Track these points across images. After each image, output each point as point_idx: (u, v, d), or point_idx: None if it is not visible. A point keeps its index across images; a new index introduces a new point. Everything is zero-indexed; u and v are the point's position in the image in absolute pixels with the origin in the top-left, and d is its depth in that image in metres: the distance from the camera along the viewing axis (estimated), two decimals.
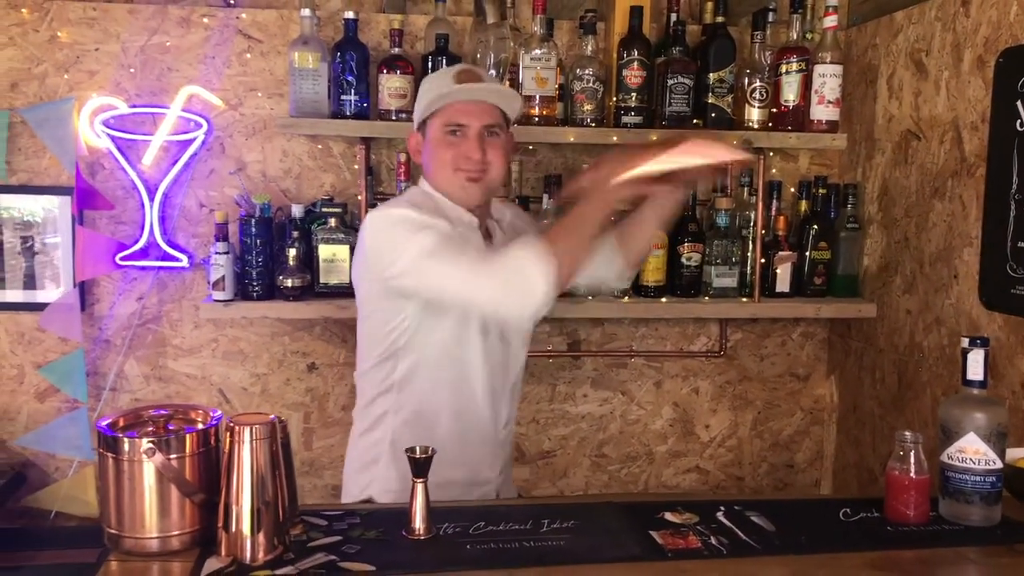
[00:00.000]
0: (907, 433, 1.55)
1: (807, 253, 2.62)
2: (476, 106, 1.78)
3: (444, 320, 1.79)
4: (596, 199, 1.65)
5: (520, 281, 1.60)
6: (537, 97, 2.44)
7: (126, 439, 1.35)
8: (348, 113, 2.41)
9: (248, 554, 1.34)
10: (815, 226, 2.62)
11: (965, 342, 1.55)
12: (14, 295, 2.56)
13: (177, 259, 2.57)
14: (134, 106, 2.54)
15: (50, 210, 2.55)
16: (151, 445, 1.33)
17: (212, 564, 1.34)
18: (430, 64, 2.42)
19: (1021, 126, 2.00)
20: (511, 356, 1.92)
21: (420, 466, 1.45)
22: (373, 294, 1.82)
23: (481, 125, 1.77)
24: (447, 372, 1.84)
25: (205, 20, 2.55)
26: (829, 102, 2.50)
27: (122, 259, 2.55)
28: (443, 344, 1.81)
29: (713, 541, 1.45)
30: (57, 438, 2.59)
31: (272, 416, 1.38)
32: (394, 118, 2.42)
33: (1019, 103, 2.00)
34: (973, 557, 1.43)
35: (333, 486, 2.74)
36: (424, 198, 1.82)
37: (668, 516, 1.55)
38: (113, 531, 1.37)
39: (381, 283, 1.76)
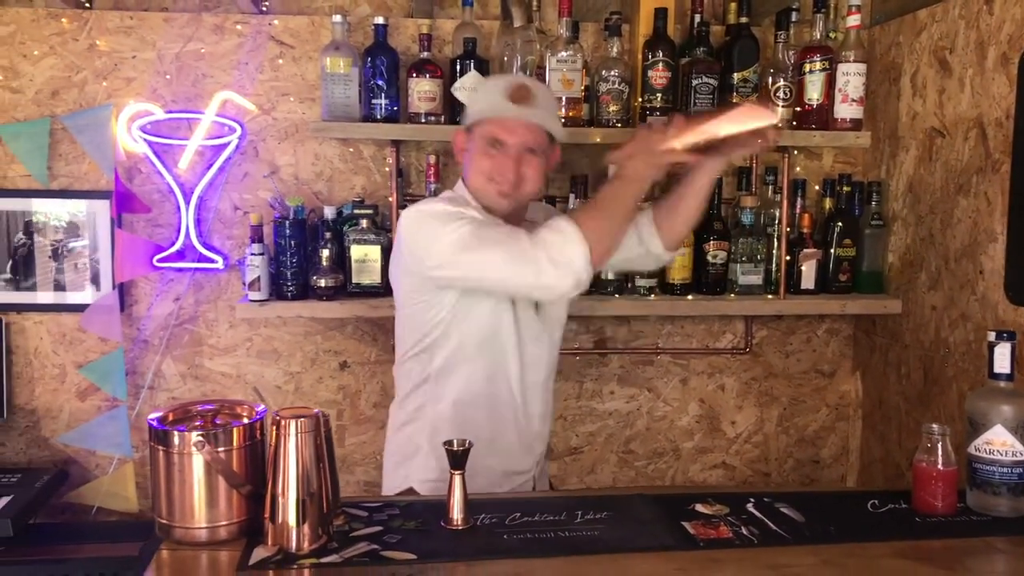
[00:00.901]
0: (934, 425, 1.58)
1: (832, 250, 2.65)
2: (521, 125, 1.82)
3: (479, 311, 1.85)
4: (634, 171, 1.71)
5: (557, 259, 1.66)
6: (563, 99, 2.47)
7: (176, 433, 1.41)
8: (379, 116, 2.46)
9: (294, 543, 1.40)
10: (840, 223, 2.64)
11: (992, 336, 1.58)
12: (45, 296, 2.63)
13: (212, 260, 2.63)
14: (170, 112, 2.61)
15: (76, 214, 2.61)
16: (200, 438, 1.39)
17: (259, 553, 1.39)
18: (458, 67, 2.47)
19: None
20: (543, 352, 1.97)
21: (458, 459, 1.50)
22: (412, 288, 1.88)
23: (522, 145, 1.82)
24: (482, 363, 1.90)
25: (238, 27, 2.61)
26: (853, 100, 2.52)
27: (159, 261, 2.61)
28: (478, 335, 1.87)
29: (744, 531, 1.49)
30: (98, 436, 2.66)
31: (316, 410, 1.44)
32: (423, 121, 2.46)
33: None
34: (1001, 547, 1.46)
35: (366, 482, 2.79)
36: (457, 200, 1.88)
37: (699, 507, 1.59)
38: (164, 521, 1.43)
39: (421, 277, 1.83)
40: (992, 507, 1.56)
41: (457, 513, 1.50)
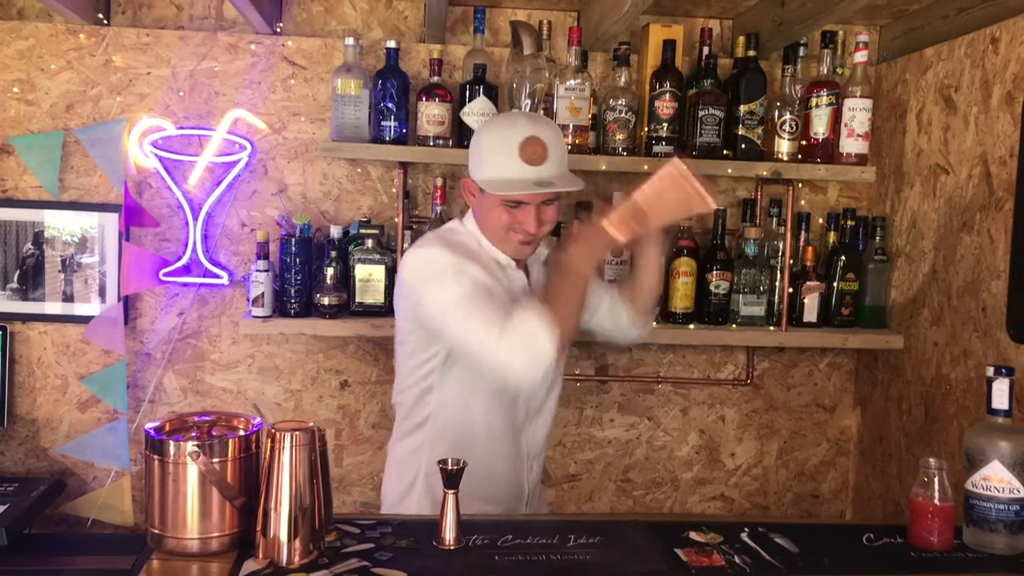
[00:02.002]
0: (931, 460, 1.58)
1: (835, 284, 2.65)
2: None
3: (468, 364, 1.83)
4: (578, 264, 1.74)
5: (530, 347, 1.66)
6: (571, 126, 2.50)
7: (172, 442, 1.41)
8: (387, 138, 2.49)
9: (284, 558, 1.39)
10: (843, 257, 2.64)
11: (990, 371, 1.58)
12: (51, 307, 2.65)
13: (218, 276, 2.65)
14: (182, 128, 2.64)
15: (85, 226, 2.63)
16: (196, 448, 1.39)
17: (250, 566, 1.39)
18: (467, 93, 2.50)
19: None
20: (551, 399, 1.98)
21: (452, 478, 1.50)
22: (409, 320, 1.88)
23: (541, 201, 1.79)
24: (474, 410, 1.88)
25: (252, 47, 2.65)
26: (859, 135, 2.54)
27: (165, 275, 2.63)
28: (468, 384, 1.86)
29: (737, 560, 1.48)
30: (96, 447, 2.66)
31: (311, 424, 1.44)
32: (432, 144, 2.49)
33: None
34: None
35: (363, 503, 2.78)
36: (464, 237, 1.87)
37: (693, 535, 1.58)
38: (156, 531, 1.43)
39: (415, 316, 1.83)
40: (988, 544, 1.55)
41: (449, 533, 1.50)
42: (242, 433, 1.48)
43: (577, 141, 2.51)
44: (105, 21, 2.60)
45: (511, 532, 1.56)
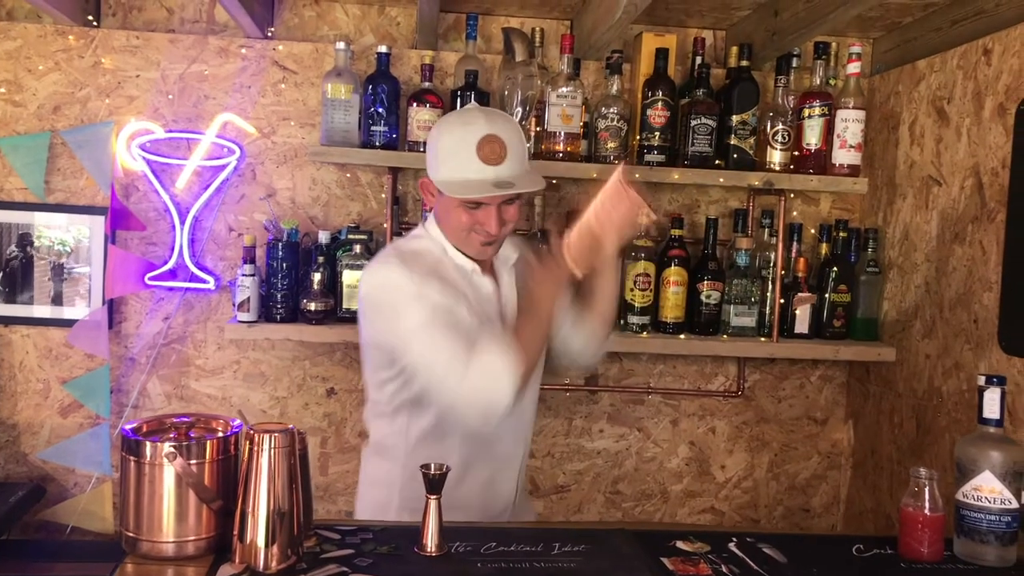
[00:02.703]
0: (922, 469, 1.55)
1: (827, 295, 2.63)
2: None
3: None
4: (549, 285, 1.70)
5: (491, 391, 1.60)
6: (562, 134, 2.49)
7: (148, 443, 1.38)
8: (377, 144, 2.47)
9: (262, 562, 1.36)
10: (835, 269, 2.63)
11: (981, 380, 1.56)
12: (35, 310, 2.62)
13: (204, 281, 2.62)
14: (170, 131, 2.62)
15: (71, 229, 2.61)
16: (172, 449, 1.36)
17: (226, 571, 1.36)
18: (459, 99, 2.48)
19: None
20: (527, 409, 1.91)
21: (434, 483, 1.47)
22: (368, 338, 1.82)
23: (502, 200, 1.72)
24: (446, 429, 1.79)
25: (243, 51, 2.63)
26: (851, 147, 2.53)
27: (151, 279, 2.60)
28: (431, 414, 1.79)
29: (724, 570, 1.45)
30: (78, 453, 2.63)
31: (291, 426, 1.41)
32: (422, 149, 2.47)
33: None
34: None
35: (348, 512, 2.74)
36: (427, 243, 1.80)
37: (680, 544, 1.56)
38: (131, 534, 1.40)
39: (372, 337, 1.78)
40: (979, 556, 1.53)
41: (431, 539, 1.47)
42: (221, 435, 1.45)
43: (568, 149, 2.50)
44: (95, 23, 2.59)
45: (495, 539, 1.53)
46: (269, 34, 2.64)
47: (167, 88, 2.63)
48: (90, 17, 2.56)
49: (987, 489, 1.52)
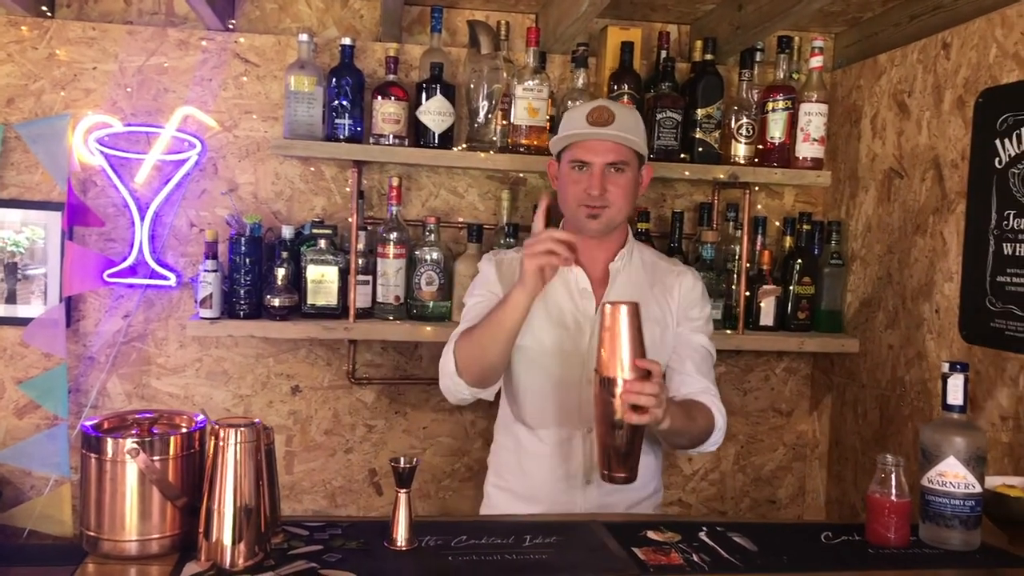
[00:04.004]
0: (888, 456, 1.57)
1: (791, 288, 2.65)
2: (602, 144, 1.81)
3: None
4: (517, 298, 1.72)
5: (443, 366, 1.84)
6: (528, 127, 2.48)
7: (110, 439, 1.35)
8: (342, 137, 2.44)
9: (228, 560, 1.33)
10: (799, 261, 2.65)
11: (946, 367, 1.58)
12: None
13: (165, 278, 2.57)
14: (129, 125, 2.56)
15: (26, 225, 2.54)
16: (135, 445, 1.33)
17: (191, 569, 1.33)
18: (424, 92, 2.46)
19: (1000, 164, 2.05)
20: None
21: (403, 477, 1.45)
22: None
23: (604, 163, 1.81)
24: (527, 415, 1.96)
25: (203, 43, 2.59)
26: (814, 140, 2.55)
27: (110, 276, 2.55)
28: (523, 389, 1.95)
29: (695, 558, 1.45)
30: (34, 455, 2.56)
31: (257, 421, 1.39)
32: (387, 142, 2.45)
33: (998, 141, 2.05)
34: None
35: (314, 511, 2.71)
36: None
37: (650, 534, 1.56)
38: (92, 533, 1.36)
39: None
40: (944, 540, 1.54)
41: (401, 534, 1.45)
42: (184, 430, 1.42)
43: (535, 142, 2.49)
44: (49, 13, 2.52)
45: (465, 533, 1.52)
46: (230, 26, 2.59)
47: (125, 81, 2.57)
48: (44, 7, 2.50)
49: (951, 474, 1.54)
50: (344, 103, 2.44)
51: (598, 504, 1.88)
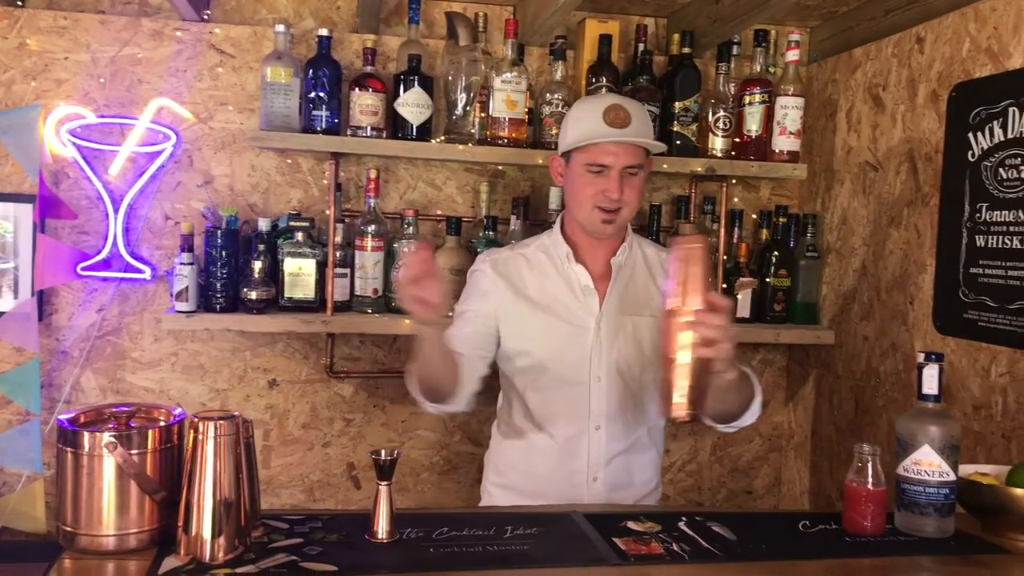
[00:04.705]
0: (865, 445, 1.59)
1: (767, 280, 2.68)
2: (621, 147, 1.81)
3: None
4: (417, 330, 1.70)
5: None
6: (506, 119, 2.47)
7: (86, 433, 1.33)
8: (319, 129, 2.42)
9: (208, 554, 1.32)
10: (775, 254, 2.67)
11: (921, 357, 1.59)
12: None
13: (140, 271, 2.54)
14: (102, 116, 2.53)
15: (6, 230, 2.50)
16: (112, 439, 1.32)
17: (170, 563, 1.31)
18: (402, 84, 2.45)
19: (973, 157, 2.08)
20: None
21: (384, 470, 1.45)
22: None
23: (623, 165, 1.81)
24: (535, 413, 1.96)
25: (178, 33, 2.56)
26: (791, 133, 2.57)
27: (83, 269, 2.51)
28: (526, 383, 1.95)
29: (675, 548, 1.46)
30: (6, 451, 2.52)
31: (236, 414, 1.38)
32: (365, 134, 2.43)
33: (971, 135, 2.08)
34: (928, 565, 1.46)
35: (292, 505, 2.70)
36: (533, 251, 1.96)
37: (631, 525, 1.56)
38: (68, 529, 1.34)
39: None
40: (919, 528, 1.56)
41: (382, 526, 1.44)
42: (163, 423, 1.40)
43: (513, 135, 2.49)
44: (19, 2, 2.48)
45: (446, 524, 1.51)
46: (205, 17, 2.56)
47: (98, 71, 2.53)
48: None
49: (926, 463, 1.56)
50: (321, 95, 2.42)
51: (604, 500, 1.89)
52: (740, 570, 1.40)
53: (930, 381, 1.59)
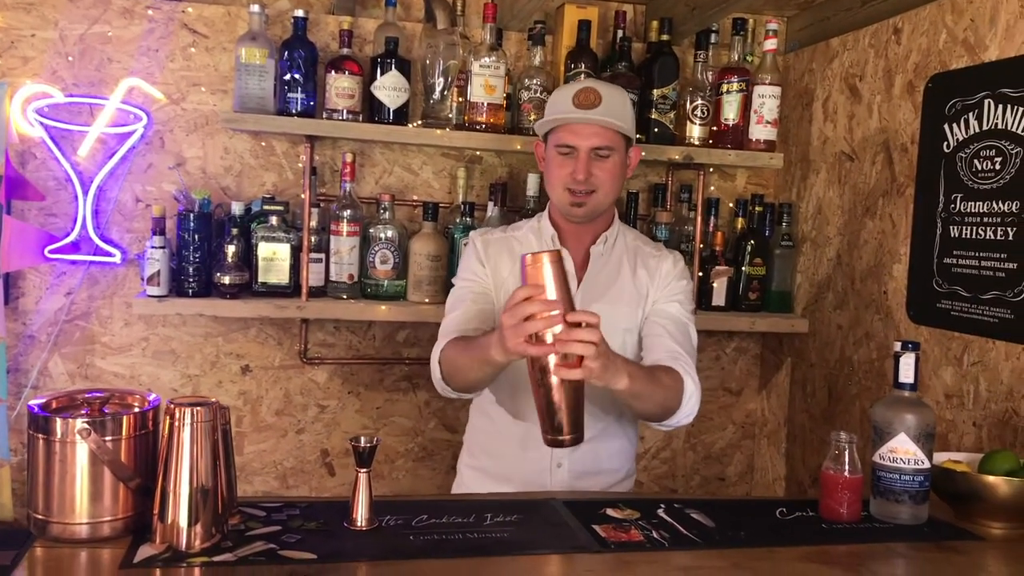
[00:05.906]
0: (842, 433, 1.60)
1: (743, 268, 2.69)
2: (587, 128, 1.79)
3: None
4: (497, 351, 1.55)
5: (432, 367, 1.82)
6: (485, 104, 2.45)
7: (59, 419, 1.30)
8: (294, 111, 2.39)
9: (184, 542, 1.30)
10: (751, 242, 2.68)
11: (898, 346, 1.61)
12: None
13: (110, 254, 2.49)
14: (71, 96, 2.47)
15: None
16: (86, 425, 1.29)
17: (146, 551, 1.29)
18: (379, 67, 2.42)
19: (948, 148, 2.09)
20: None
21: (363, 457, 1.43)
22: None
23: (589, 147, 1.79)
24: (503, 401, 1.96)
25: (149, 12, 2.50)
26: (767, 122, 2.58)
27: (51, 252, 2.46)
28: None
29: (655, 535, 1.47)
30: None
31: (213, 400, 1.35)
32: (340, 118, 2.40)
33: (946, 126, 2.10)
34: (903, 551, 1.47)
35: (264, 492, 2.67)
36: (524, 232, 1.96)
37: (610, 512, 1.56)
38: (40, 516, 1.31)
39: None
40: (894, 515, 1.58)
41: (361, 513, 1.43)
42: (138, 410, 1.38)
43: (491, 120, 2.47)
44: None
45: (426, 512, 1.50)
46: None
47: (66, 50, 2.47)
48: None
49: (902, 451, 1.58)
50: (296, 77, 2.39)
51: (568, 487, 1.88)
52: (719, 557, 1.41)
53: (907, 370, 1.60)
